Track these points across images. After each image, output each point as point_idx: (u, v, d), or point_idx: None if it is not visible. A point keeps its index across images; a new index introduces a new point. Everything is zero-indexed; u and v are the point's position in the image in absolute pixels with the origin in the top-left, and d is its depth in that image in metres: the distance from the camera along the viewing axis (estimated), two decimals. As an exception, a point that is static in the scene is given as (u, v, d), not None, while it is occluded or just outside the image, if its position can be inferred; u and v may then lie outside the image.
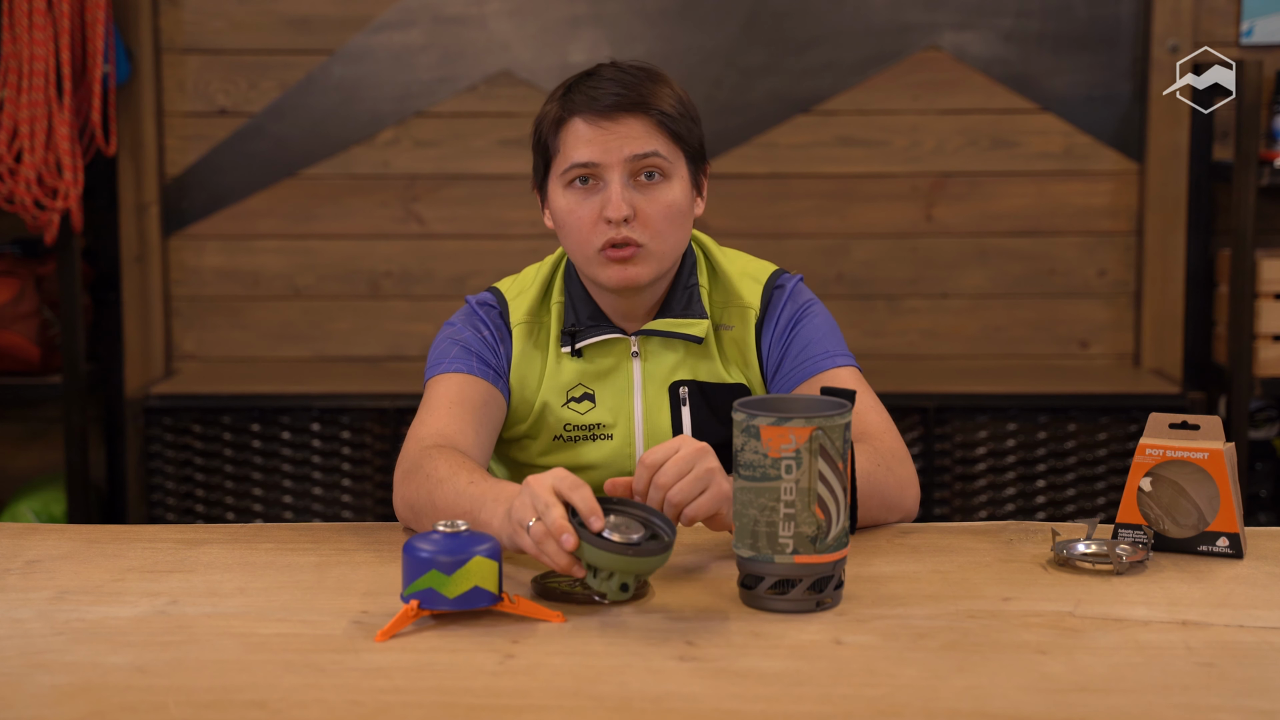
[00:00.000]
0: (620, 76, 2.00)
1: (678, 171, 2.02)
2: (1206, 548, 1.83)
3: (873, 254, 4.08)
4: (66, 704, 1.40)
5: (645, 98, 1.99)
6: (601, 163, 1.98)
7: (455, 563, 1.57)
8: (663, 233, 2.01)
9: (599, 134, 1.98)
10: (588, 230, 2.00)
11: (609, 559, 1.58)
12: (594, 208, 1.99)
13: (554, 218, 2.05)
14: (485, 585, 1.59)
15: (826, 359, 2.06)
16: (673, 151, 2.01)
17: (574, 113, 2.00)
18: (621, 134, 1.98)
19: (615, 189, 1.98)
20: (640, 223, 1.99)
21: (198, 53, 4.05)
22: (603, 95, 1.98)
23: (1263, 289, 3.75)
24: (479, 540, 1.60)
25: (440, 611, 1.60)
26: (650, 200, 2.00)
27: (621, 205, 1.97)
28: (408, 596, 1.58)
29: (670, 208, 2.01)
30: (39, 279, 3.90)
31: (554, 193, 2.03)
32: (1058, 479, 3.78)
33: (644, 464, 1.74)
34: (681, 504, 1.73)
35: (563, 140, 2.01)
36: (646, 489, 1.74)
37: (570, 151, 2.00)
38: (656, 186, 2.00)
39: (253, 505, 3.84)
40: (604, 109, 1.98)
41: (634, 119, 1.99)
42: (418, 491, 1.88)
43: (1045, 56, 4.01)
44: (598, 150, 1.98)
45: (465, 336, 2.08)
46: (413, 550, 1.59)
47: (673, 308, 2.07)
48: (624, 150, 1.98)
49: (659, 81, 2.02)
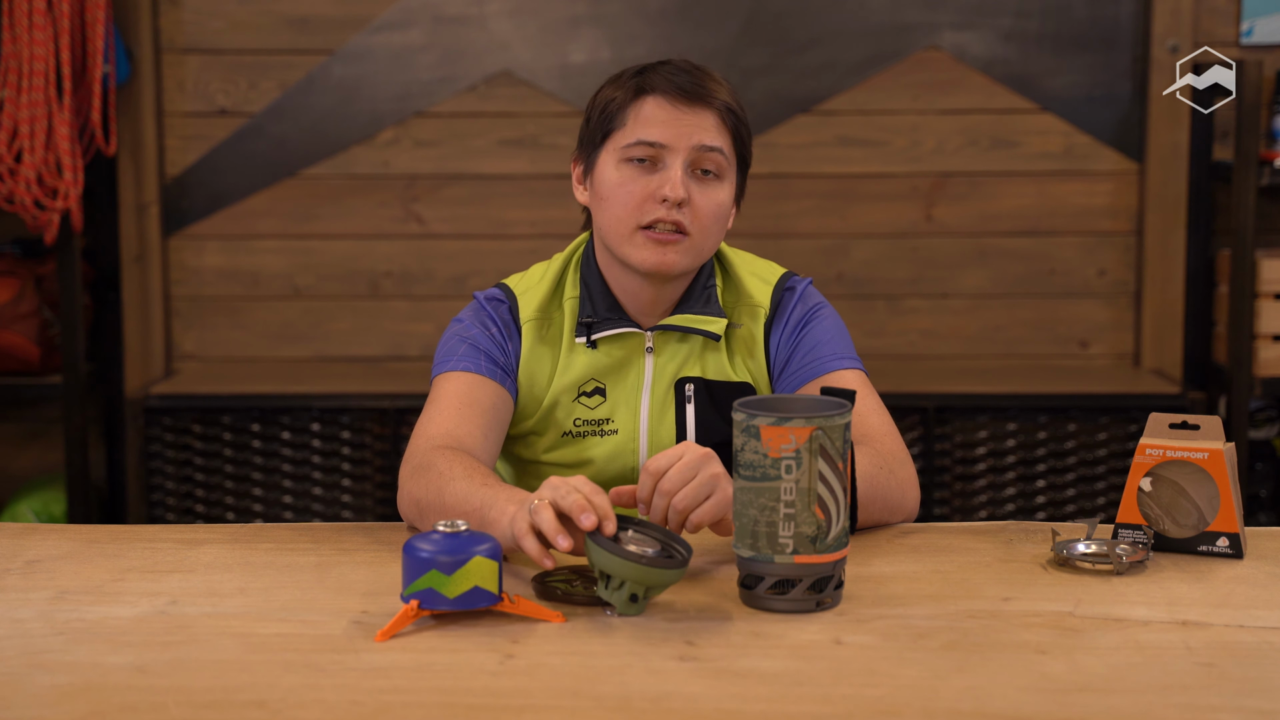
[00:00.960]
0: (696, 72, 2.03)
1: (729, 175, 2.04)
2: (1206, 548, 1.83)
3: (873, 254, 4.09)
4: (66, 704, 1.40)
5: (718, 94, 2.02)
6: (670, 145, 1.99)
7: (455, 563, 1.57)
8: (708, 229, 2.03)
9: (674, 115, 1.99)
10: (635, 205, 2.00)
11: (621, 565, 1.58)
12: (648, 185, 2.00)
13: (597, 188, 2.04)
14: (485, 585, 1.59)
15: (833, 360, 2.07)
16: (731, 153, 2.04)
17: (651, 90, 2.01)
18: (694, 122, 1.99)
19: (676, 171, 1.99)
20: (692, 212, 2.00)
21: (198, 53, 4.05)
22: (683, 82, 2.00)
23: (1263, 289, 3.75)
24: (479, 540, 1.59)
25: (440, 611, 1.60)
26: (704, 194, 2.01)
27: (679, 187, 1.98)
28: (408, 596, 1.58)
29: (719, 207, 2.03)
30: (39, 279, 3.90)
31: (604, 164, 2.03)
32: (1058, 479, 3.78)
33: (648, 471, 1.74)
34: (686, 510, 1.73)
35: (633, 114, 2.01)
36: (650, 496, 1.74)
37: (639, 128, 2.00)
38: (710, 183, 2.02)
39: (253, 505, 3.84)
40: (682, 93, 1.99)
41: (708, 110, 2.01)
42: (427, 489, 1.87)
43: (1045, 56, 4.01)
44: (669, 132, 1.99)
45: (474, 334, 2.07)
46: (413, 550, 1.59)
47: (692, 304, 2.08)
48: (694, 138, 1.99)
49: (719, 79, 2.05)
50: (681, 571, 1.61)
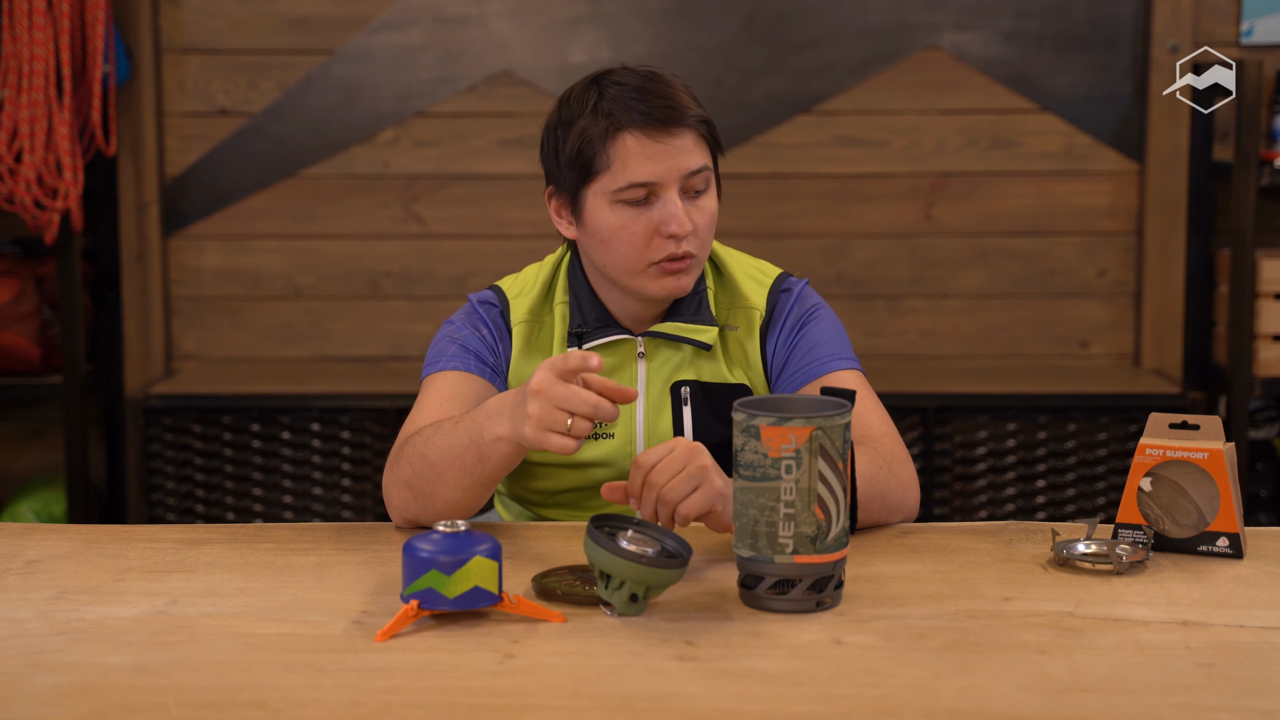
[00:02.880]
0: (655, 87, 1.98)
1: (713, 181, 2.04)
2: (1206, 548, 1.83)
3: (873, 254, 4.08)
4: (66, 704, 1.40)
5: (687, 108, 1.98)
6: (661, 180, 1.97)
7: (455, 563, 1.57)
8: (707, 242, 2.03)
9: (657, 150, 1.96)
10: (643, 245, 1.98)
11: (621, 565, 1.58)
12: (650, 223, 1.97)
13: (592, 230, 2.01)
14: (485, 585, 1.59)
15: (831, 361, 2.06)
16: (711, 162, 2.03)
17: (625, 127, 1.96)
18: (677, 147, 1.97)
19: (678, 205, 1.97)
20: (694, 235, 2.00)
21: (198, 53, 4.05)
22: (653, 109, 1.95)
23: (1263, 289, 3.75)
24: (479, 540, 1.60)
25: (440, 611, 1.60)
26: (700, 211, 2.00)
27: (685, 221, 1.97)
28: (408, 596, 1.58)
29: (713, 217, 2.03)
30: (39, 279, 3.90)
31: (595, 206, 1.99)
32: (1058, 479, 3.78)
33: (638, 465, 1.75)
34: (674, 502, 1.73)
35: (615, 155, 1.96)
36: (641, 490, 1.75)
37: (627, 170, 1.96)
38: (702, 199, 2.01)
39: (253, 505, 3.84)
40: (659, 123, 1.95)
41: (686, 132, 1.98)
42: (410, 463, 1.89)
43: (1045, 56, 4.01)
44: (659, 169, 1.96)
45: (463, 335, 2.07)
46: (413, 550, 1.59)
47: (683, 312, 2.07)
48: (682, 166, 1.97)
49: (678, 86, 2.01)
50: (681, 571, 1.61)
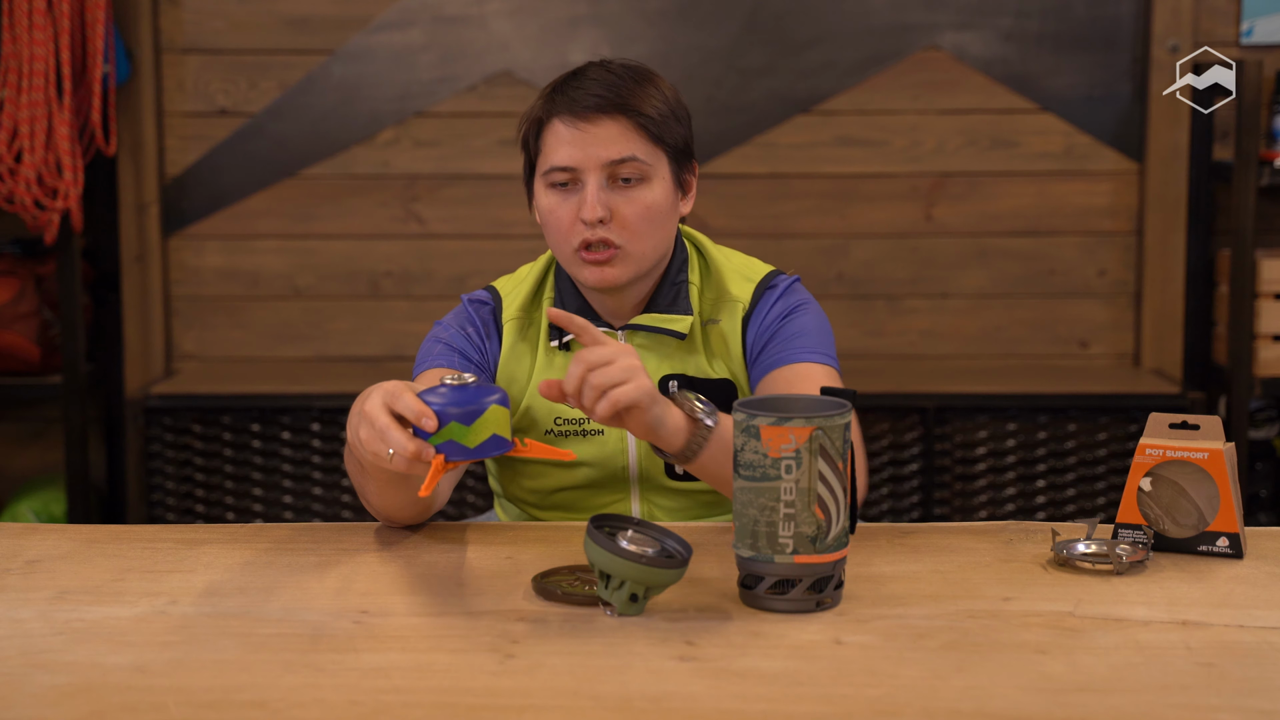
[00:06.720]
0: (604, 77, 2.01)
1: (658, 173, 2.03)
2: (1206, 548, 1.83)
3: (872, 254, 4.08)
4: (66, 704, 1.40)
5: (625, 99, 2.00)
6: (580, 166, 2.00)
7: (473, 413, 1.64)
8: (641, 234, 2.02)
9: (577, 136, 2.00)
10: (566, 230, 2.02)
11: (621, 565, 1.58)
12: (572, 208, 2.01)
13: (538, 216, 2.08)
14: (501, 432, 1.66)
15: (806, 353, 2.04)
16: (652, 153, 2.02)
17: (553, 114, 2.02)
18: (599, 137, 1.99)
19: (591, 191, 1.99)
20: (618, 224, 2.00)
21: (198, 53, 4.05)
22: (582, 97, 2.00)
23: (1263, 289, 3.75)
24: (489, 391, 1.66)
25: (460, 463, 1.66)
26: (628, 202, 2.01)
27: (596, 207, 1.98)
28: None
29: (649, 209, 2.02)
30: (39, 279, 3.90)
31: (538, 192, 2.06)
32: (1058, 479, 3.78)
33: (577, 359, 1.74)
34: (602, 386, 1.72)
35: (544, 141, 2.03)
36: (579, 387, 1.73)
37: (550, 154, 2.02)
38: (634, 189, 2.01)
39: (253, 505, 3.84)
40: (582, 111, 1.99)
41: (612, 121, 2.00)
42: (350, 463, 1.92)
43: (1045, 56, 4.01)
44: (576, 154, 2.00)
45: (450, 335, 2.11)
46: (428, 405, 1.65)
47: (659, 304, 2.08)
48: (601, 154, 1.99)
49: (644, 81, 2.03)
50: (681, 571, 1.61)
